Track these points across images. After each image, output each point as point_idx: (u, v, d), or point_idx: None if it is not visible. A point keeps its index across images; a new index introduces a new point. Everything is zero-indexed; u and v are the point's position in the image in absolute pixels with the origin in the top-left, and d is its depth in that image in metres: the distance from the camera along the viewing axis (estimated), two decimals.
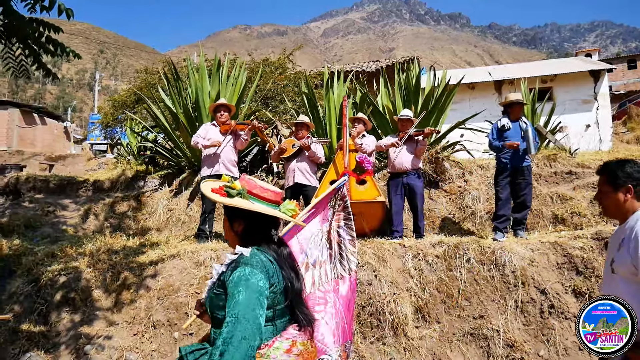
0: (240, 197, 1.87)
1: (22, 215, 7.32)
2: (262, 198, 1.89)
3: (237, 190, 1.87)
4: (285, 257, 1.89)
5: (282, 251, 1.90)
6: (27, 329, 4.53)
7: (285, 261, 1.87)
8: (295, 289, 1.85)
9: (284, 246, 1.94)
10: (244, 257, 1.77)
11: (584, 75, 15.98)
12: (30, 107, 26.32)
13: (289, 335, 1.77)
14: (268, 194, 1.91)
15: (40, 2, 3.57)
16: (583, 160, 7.68)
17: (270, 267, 1.78)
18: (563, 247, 4.96)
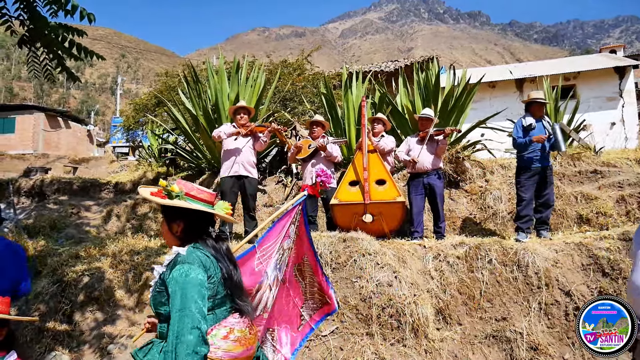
0: (178, 199, 1.96)
1: (47, 216, 7.49)
2: (199, 199, 1.99)
3: (176, 193, 1.97)
4: (223, 251, 2.01)
5: (220, 246, 2.02)
6: (52, 328, 4.62)
7: (224, 255, 2.00)
8: (234, 280, 1.98)
9: (222, 241, 2.06)
10: (182, 256, 1.89)
11: (609, 72, 15.62)
12: (55, 111, 26.97)
13: (227, 323, 1.89)
14: (204, 195, 2.02)
15: (63, 7, 3.64)
16: (608, 158, 7.49)
17: (207, 261, 1.91)
18: (588, 248, 4.84)
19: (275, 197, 7.46)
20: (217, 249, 1.98)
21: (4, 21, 4.00)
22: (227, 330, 1.87)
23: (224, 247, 2.03)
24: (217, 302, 1.91)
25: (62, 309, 4.79)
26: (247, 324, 1.96)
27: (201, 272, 1.84)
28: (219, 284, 1.92)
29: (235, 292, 1.98)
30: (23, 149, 23.22)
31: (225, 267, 1.97)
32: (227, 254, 2.03)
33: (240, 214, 6.62)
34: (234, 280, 1.97)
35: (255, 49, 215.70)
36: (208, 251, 1.95)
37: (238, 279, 2.02)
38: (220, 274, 1.94)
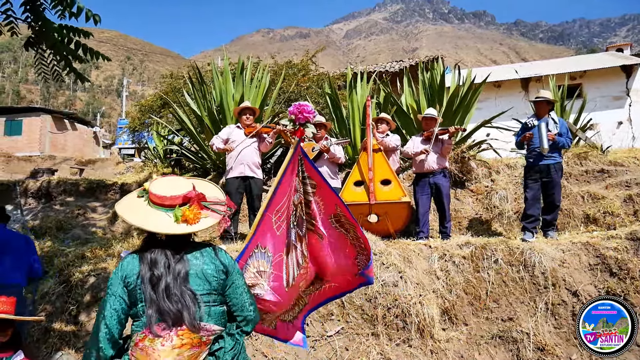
0: (144, 199, 1.98)
1: (53, 217, 7.53)
2: (156, 203, 1.94)
3: (145, 191, 1.99)
4: (153, 259, 1.89)
5: (157, 255, 1.90)
6: (58, 328, 4.64)
7: (155, 264, 1.88)
8: (153, 285, 1.86)
9: (170, 247, 1.93)
10: None
11: (615, 70, 15.50)
12: (62, 113, 27.13)
13: (146, 331, 1.84)
14: (156, 198, 1.94)
15: (69, 9, 3.66)
16: (615, 158, 7.44)
17: (129, 269, 1.90)
18: (595, 248, 4.81)
19: None
20: (152, 259, 1.90)
21: (8, 22, 4.03)
22: (141, 336, 1.83)
23: (160, 256, 1.90)
24: (141, 309, 1.87)
25: (69, 309, 4.81)
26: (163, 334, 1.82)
27: (116, 281, 1.89)
28: (139, 290, 1.87)
29: (158, 299, 1.84)
30: (30, 150, 23.38)
31: (148, 273, 1.87)
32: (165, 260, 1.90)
33: (245, 214, 6.63)
34: (155, 287, 1.85)
35: (260, 50, 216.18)
36: (146, 258, 1.91)
37: (166, 286, 1.86)
38: (140, 280, 1.88)
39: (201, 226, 1.94)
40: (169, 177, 2.07)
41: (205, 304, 1.93)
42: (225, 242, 5.82)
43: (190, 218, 1.91)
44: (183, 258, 1.94)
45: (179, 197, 1.93)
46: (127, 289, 1.89)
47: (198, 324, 1.86)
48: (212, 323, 1.93)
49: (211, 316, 1.94)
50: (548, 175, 5.37)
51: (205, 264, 1.97)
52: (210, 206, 2.01)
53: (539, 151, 5.34)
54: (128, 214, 1.93)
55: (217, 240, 6.22)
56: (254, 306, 2.12)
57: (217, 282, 1.98)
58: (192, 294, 1.89)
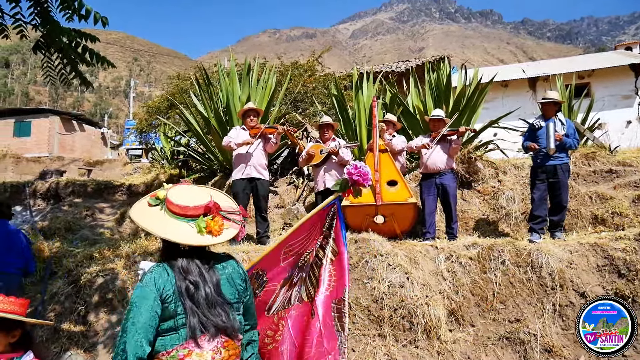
0: (159, 208, 1.93)
1: (62, 218, 7.60)
2: (176, 213, 1.89)
3: (159, 200, 1.94)
4: (185, 268, 1.85)
5: (189, 264, 1.86)
6: (67, 328, 4.68)
7: (188, 273, 1.84)
8: (195, 296, 1.81)
9: (198, 256, 1.90)
10: (143, 275, 1.86)
11: (624, 69, 15.40)
12: (70, 114, 27.31)
13: (189, 345, 1.77)
14: (177, 208, 1.89)
15: (77, 12, 3.70)
16: (624, 158, 7.38)
17: (161, 281, 1.82)
18: (603, 249, 4.77)
19: (287, 198, 7.48)
20: (184, 268, 1.85)
21: (17, 25, 4.07)
22: (185, 352, 1.76)
23: (192, 265, 1.87)
24: (179, 323, 1.80)
25: (77, 309, 4.86)
26: (211, 348, 1.79)
27: (149, 293, 1.78)
28: (176, 301, 1.81)
29: (195, 311, 1.80)
30: (39, 152, 23.56)
31: (184, 283, 1.82)
32: (197, 271, 1.86)
33: (252, 215, 6.65)
34: (195, 297, 1.81)
35: (266, 50, 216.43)
36: (174, 270, 1.85)
37: (206, 294, 1.83)
38: (178, 291, 1.82)
39: (224, 237, 1.93)
40: (184, 185, 2.05)
41: (236, 311, 1.95)
42: (232, 243, 5.85)
43: (215, 229, 1.89)
44: (213, 267, 1.92)
45: (201, 207, 1.91)
46: (162, 302, 1.80)
47: (237, 334, 1.88)
48: (239, 332, 1.94)
49: (239, 325, 1.96)
50: (555, 176, 5.34)
51: (233, 272, 1.99)
52: (227, 215, 2.00)
53: (545, 152, 5.31)
54: (150, 225, 1.89)
55: (224, 242, 6.24)
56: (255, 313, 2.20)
57: (242, 290, 2.01)
58: (229, 303, 1.89)
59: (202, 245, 1.89)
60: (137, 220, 1.91)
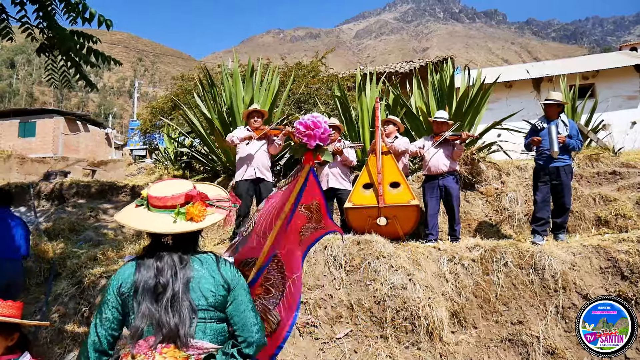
0: (143, 206, 1.89)
1: (66, 219, 7.64)
2: (157, 207, 1.85)
3: (144, 198, 1.91)
4: (159, 268, 1.79)
5: (164, 263, 1.80)
6: (71, 329, 4.71)
7: (160, 273, 1.78)
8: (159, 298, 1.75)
9: (177, 251, 1.84)
10: None
11: (629, 70, 15.31)
12: (74, 114, 27.43)
13: (130, 346, 1.74)
14: (156, 201, 1.85)
15: (81, 15, 3.72)
16: (628, 159, 7.36)
17: (122, 277, 1.81)
18: (607, 251, 4.76)
19: None
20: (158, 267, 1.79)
21: (25, 29, 4.10)
22: (125, 351, 1.75)
23: (165, 261, 1.80)
24: (132, 320, 1.76)
25: (81, 310, 4.88)
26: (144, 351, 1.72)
27: (111, 288, 1.81)
28: (131, 299, 1.77)
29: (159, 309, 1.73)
30: (43, 152, 23.68)
31: (147, 277, 1.76)
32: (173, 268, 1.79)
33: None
34: (159, 297, 1.74)
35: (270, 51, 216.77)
36: (137, 264, 1.82)
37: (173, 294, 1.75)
38: (134, 289, 1.76)
39: (208, 222, 1.85)
40: (167, 180, 2.01)
41: (200, 320, 1.79)
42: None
43: (195, 215, 1.81)
44: (188, 263, 1.83)
45: (180, 196, 1.84)
46: (121, 297, 1.79)
47: (188, 341, 1.73)
48: (207, 340, 1.79)
49: (207, 333, 1.80)
50: (558, 178, 5.33)
51: (203, 278, 1.83)
52: (215, 203, 1.92)
53: (548, 153, 5.30)
54: (129, 220, 1.86)
55: (227, 243, 6.27)
56: (258, 327, 1.93)
57: (214, 298, 1.83)
58: (191, 306, 1.77)
59: (180, 232, 1.79)
60: (118, 219, 1.89)
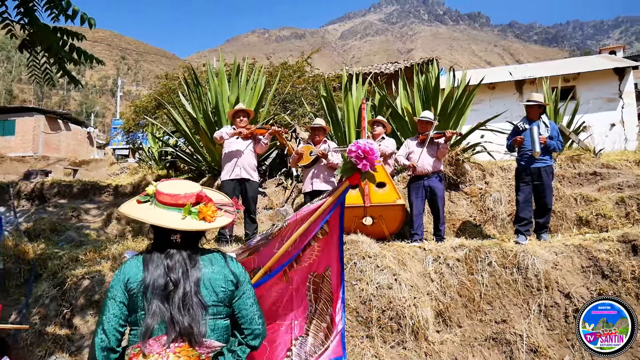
0: (149, 203, 1.90)
1: (47, 219, 7.50)
2: (166, 203, 1.86)
3: (149, 195, 1.92)
4: (169, 265, 1.80)
5: (174, 260, 1.81)
6: (52, 331, 4.62)
7: (171, 270, 1.79)
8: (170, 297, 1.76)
9: (185, 250, 1.86)
10: None
11: (608, 73, 15.63)
12: (55, 113, 26.98)
13: (141, 345, 1.73)
14: (168, 198, 1.87)
15: (63, 12, 3.66)
16: (608, 160, 7.51)
17: (129, 273, 1.80)
18: (588, 250, 4.85)
19: (276, 199, 7.47)
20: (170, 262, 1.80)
21: (5, 25, 4.01)
22: (135, 351, 1.74)
23: (177, 258, 1.81)
24: (141, 317, 1.75)
25: (63, 312, 4.79)
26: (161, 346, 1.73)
27: (117, 284, 1.79)
28: (139, 296, 1.76)
29: (171, 308, 1.74)
30: (23, 151, 23.23)
31: (163, 279, 1.77)
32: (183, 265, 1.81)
33: (240, 217, 6.63)
34: (171, 295, 1.75)
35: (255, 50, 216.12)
36: (144, 260, 1.83)
37: (184, 293, 1.76)
38: (143, 285, 1.76)
39: (218, 223, 1.90)
40: (173, 180, 2.04)
41: (211, 316, 1.82)
42: (220, 245, 5.83)
43: (208, 215, 1.86)
44: (197, 263, 1.85)
45: (192, 195, 1.87)
46: (128, 293, 1.78)
47: (201, 340, 1.76)
48: (214, 338, 1.83)
49: (215, 331, 1.83)
50: (539, 178, 5.41)
51: (214, 273, 1.87)
52: (221, 207, 1.97)
53: (530, 154, 5.38)
54: (140, 214, 1.85)
55: (212, 243, 6.23)
56: (262, 319, 2.00)
57: (224, 294, 1.88)
58: (203, 305, 1.79)
59: (194, 230, 1.83)
60: (127, 213, 1.88)
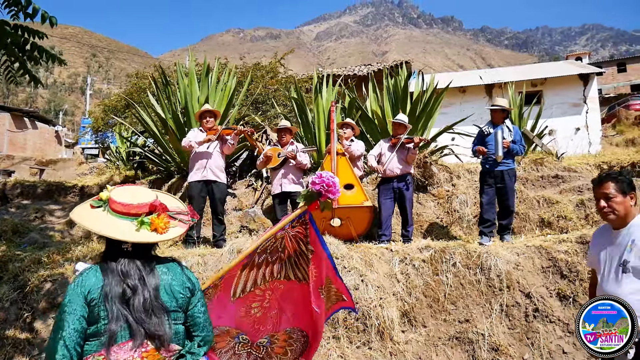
0: (102, 209, 1.87)
1: (9, 221, 7.27)
2: (119, 212, 1.84)
3: (102, 201, 1.89)
4: (124, 271, 1.79)
5: (129, 267, 1.81)
6: (12, 335, 4.50)
7: (127, 276, 1.78)
8: (130, 303, 1.75)
9: (138, 258, 1.84)
10: (74, 277, 1.83)
11: (574, 78, 16.12)
12: (22, 111, 26.24)
13: (105, 352, 1.72)
14: (120, 207, 1.85)
15: (23, 10, 3.58)
16: (570, 164, 7.76)
17: (88, 284, 1.76)
18: (548, 251, 5.00)
19: (245, 200, 7.44)
20: (122, 271, 1.78)
21: None
22: (99, 359, 1.71)
23: (131, 267, 1.80)
24: (102, 327, 1.73)
25: (23, 316, 4.67)
26: (125, 356, 1.72)
27: (74, 297, 1.73)
28: (100, 306, 1.74)
29: (134, 314, 1.74)
30: None
31: (120, 287, 1.75)
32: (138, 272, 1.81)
33: (209, 218, 6.59)
34: (130, 301, 1.75)
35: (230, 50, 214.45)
36: (101, 270, 1.80)
37: (144, 299, 1.76)
38: (104, 295, 1.74)
39: (170, 235, 1.89)
40: (128, 186, 2.01)
41: (173, 321, 1.85)
42: (188, 246, 5.78)
43: (160, 226, 1.85)
44: (153, 270, 1.85)
45: (145, 205, 1.86)
46: (89, 305, 1.74)
47: (168, 343, 1.78)
48: (174, 343, 1.85)
49: (176, 335, 1.86)
50: (502, 181, 5.56)
51: (173, 280, 1.89)
52: (176, 216, 1.95)
53: (494, 158, 5.52)
54: (91, 223, 1.82)
55: (179, 245, 6.17)
56: (211, 327, 2.06)
57: (183, 300, 1.91)
58: (165, 309, 1.81)
59: (145, 242, 1.82)
60: (78, 220, 1.85)
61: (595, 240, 2.74)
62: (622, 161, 7.68)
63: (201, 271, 4.98)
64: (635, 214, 2.49)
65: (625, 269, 2.40)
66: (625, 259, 2.42)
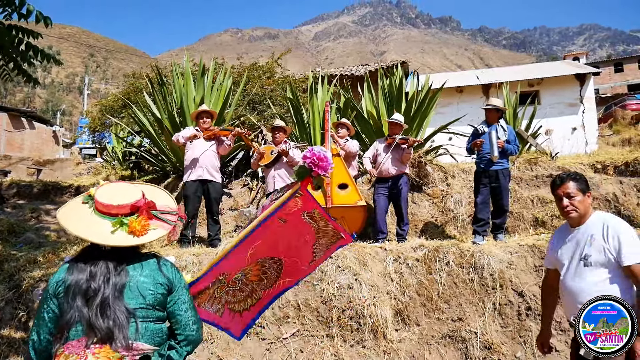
0: (88, 206, 1.88)
1: (5, 221, 7.28)
2: (101, 212, 1.84)
3: (90, 198, 1.89)
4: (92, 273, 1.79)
5: (98, 268, 1.80)
6: (7, 334, 4.52)
7: (92, 278, 1.78)
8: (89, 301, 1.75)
9: (114, 257, 1.84)
10: None
11: (570, 78, 16.15)
12: (19, 111, 26.19)
13: (64, 346, 1.73)
14: (101, 207, 1.84)
15: (17, 10, 3.59)
16: (564, 163, 7.80)
17: (57, 279, 1.80)
18: (541, 250, 5.04)
19: (241, 200, 7.47)
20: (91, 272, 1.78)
21: None
22: (59, 351, 1.72)
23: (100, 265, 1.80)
24: (69, 319, 1.74)
25: (19, 315, 4.69)
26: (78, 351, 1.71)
27: (48, 290, 1.80)
28: (65, 300, 1.76)
29: (90, 311, 1.74)
30: None
31: (75, 278, 1.77)
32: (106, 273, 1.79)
33: (204, 218, 6.61)
34: (90, 300, 1.75)
35: (228, 50, 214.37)
36: (72, 266, 1.81)
37: (103, 299, 1.75)
38: (67, 291, 1.76)
39: (149, 238, 1.85)
40: (117, 183, 1.98)
41: (140, 319, 1.80)
42: (183, 246, 5.80)
43: (137, 230, 1.81)
44: (123, 271, 1.82)
45: (126, 207, 1.83)
46: (57, 298, 1.78)
47: (130, 343, 1.73)
48: (143, 341, 1.79)
49: (143, 334, 1.80)
50: (497, 181, 5.59)
51: (142, 276, 1.85)
52: (160, 215, 1.91)
53: (489, 157, 5.55)
54: (69, 222, 1.83)
55: (175, 244, 6.19)
56: (197, 325, 1.99)
57: (153, 297, 1.85)
58: (127, 310, 1.77)
59: (118, 246, 1.80)
60: (59, 218, 1.86)
61: (555, 240, 2.84)
62: (615, 161, 7.73)
63: (196, 270, 5.00)
64: (591, 212, 2.65)
65: (587, 263, 2.52)
66: (586, 253, 2.54)
